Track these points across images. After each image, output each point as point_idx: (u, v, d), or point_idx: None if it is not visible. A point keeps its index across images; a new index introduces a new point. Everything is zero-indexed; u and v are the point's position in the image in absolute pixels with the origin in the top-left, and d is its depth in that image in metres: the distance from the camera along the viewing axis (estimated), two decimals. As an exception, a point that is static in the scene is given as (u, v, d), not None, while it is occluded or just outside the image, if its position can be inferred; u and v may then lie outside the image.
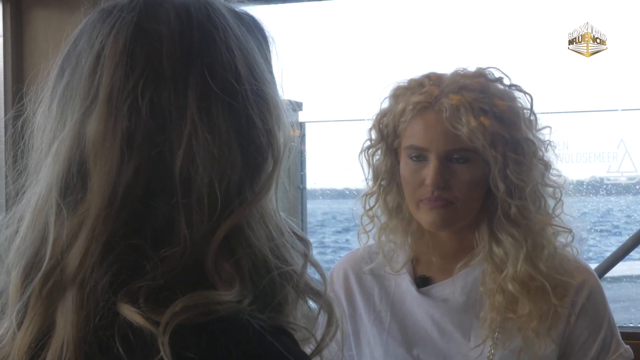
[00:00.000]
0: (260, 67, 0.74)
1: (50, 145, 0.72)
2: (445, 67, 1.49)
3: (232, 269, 0.67)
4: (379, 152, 1.50)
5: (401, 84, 1.47)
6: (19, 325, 0.69)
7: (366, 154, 1.51)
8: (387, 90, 1.49)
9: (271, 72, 0.76)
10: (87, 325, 0.66)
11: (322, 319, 0.74)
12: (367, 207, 1.52)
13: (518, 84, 1.46)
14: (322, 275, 0.75)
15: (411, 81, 1.46)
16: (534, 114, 1.46)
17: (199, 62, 0.70)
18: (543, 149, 1.45)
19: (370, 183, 1.52)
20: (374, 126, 1.50)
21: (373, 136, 1.50)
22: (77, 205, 0.69)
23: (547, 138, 1.48)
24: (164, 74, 0.69)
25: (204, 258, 0.67)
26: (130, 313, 0.65)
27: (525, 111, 1.44)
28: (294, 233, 0.74)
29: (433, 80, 1.44)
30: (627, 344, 1.48)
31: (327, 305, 0.73)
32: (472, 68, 1.47)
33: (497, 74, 1.46)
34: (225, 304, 0.66)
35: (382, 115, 1.48)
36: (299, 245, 0.74)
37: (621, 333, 1.49)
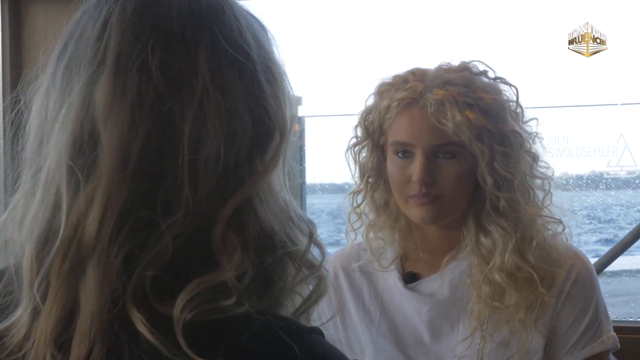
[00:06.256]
0: (265, 41, 0.73)
1: (57, 113, 0.69)
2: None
3: (239, 242, 0.65)
4: (365, 149, 1.50)
5: (385, 81, 1.47)
6: (42, 302, 0.66)
7: (352, 152, 1.51)
8: (372, 87, 1.48)
9: (274, 51, 0.75)
10: (111, 302, 0.64)
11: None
12: (355, 204, 1.52)
13: (503, 77, 1.45)
14: (323, 254, 0.73)
15: (395, 77, 1.45)
16: (520, 106, 1.45)
17: (209, 25, 0.69)
18: (530, 141, 1.45)
19: (357, 180, 1.52)
20: (359, 123, 1.49)
21: (359, 133, 1.50)
22: (89, 171, 0.66)
23: (534, 130, 1.47)
24: (174, 35, 0.68)
25: (213, 230, 0.66)
26: (139, 324, 0.63)
27: (511, 104, 1.44)
28: (299, 214, 0.73)
29: (417, 75, 1.43)
30: (625, 338, 1.46)
31: (319, 276, 0.71)
32: (456, 62, 1.46)
33: (481, 67, 1.45)
34: (230, 297, 0.64)
35: (367, 112, 1.48)
36: (304, 225, 0.72)
37: (620, 327, 1.47)
